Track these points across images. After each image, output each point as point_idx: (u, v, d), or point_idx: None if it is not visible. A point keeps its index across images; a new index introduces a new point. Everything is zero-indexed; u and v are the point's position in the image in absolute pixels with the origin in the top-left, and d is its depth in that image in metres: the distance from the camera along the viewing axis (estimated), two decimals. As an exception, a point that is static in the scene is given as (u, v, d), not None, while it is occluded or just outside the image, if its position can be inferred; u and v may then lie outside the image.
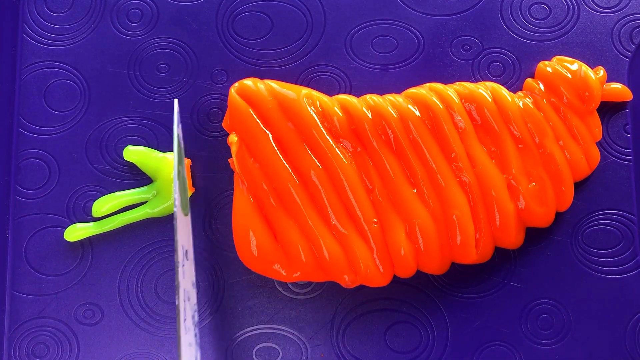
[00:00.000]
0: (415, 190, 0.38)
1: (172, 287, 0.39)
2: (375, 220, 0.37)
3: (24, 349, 0.39)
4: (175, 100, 0.39)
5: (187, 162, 0.39)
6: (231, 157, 0.39)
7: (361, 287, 0.39)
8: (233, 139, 0.38)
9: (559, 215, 0.39)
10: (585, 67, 0.39)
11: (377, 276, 0.37)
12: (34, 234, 0.40)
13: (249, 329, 0.39)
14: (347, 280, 0.37)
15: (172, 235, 0.39)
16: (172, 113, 0.40)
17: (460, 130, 0.38)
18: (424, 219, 0.37)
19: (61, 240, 0.39)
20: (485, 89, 0.38)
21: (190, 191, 0.39)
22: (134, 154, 0.39)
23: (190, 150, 0.40)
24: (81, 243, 0.39)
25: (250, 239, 0.37)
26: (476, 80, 0.40)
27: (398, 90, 0.39)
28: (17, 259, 0.39)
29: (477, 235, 0.38)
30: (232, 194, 0.39)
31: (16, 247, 0.39)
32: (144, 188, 0.39)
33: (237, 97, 0.38)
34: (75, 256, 0.39)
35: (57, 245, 0.39)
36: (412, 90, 0.39)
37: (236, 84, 0.38)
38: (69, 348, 0.39)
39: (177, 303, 0.35)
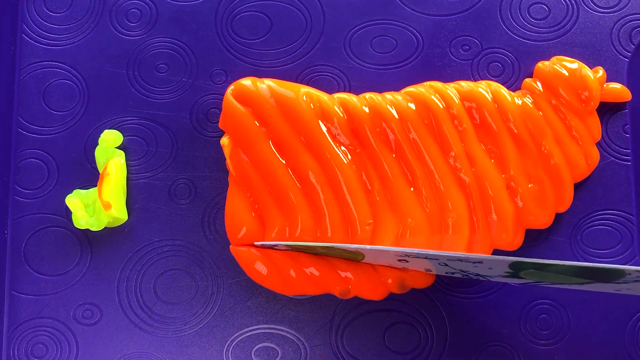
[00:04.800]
0: (412, 189, 0.38)
1: (171, 287, 0.39)
2: (370, 221, 0.37)
3: (23, 349, 0.39)
4: None
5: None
6: (230, 157, 0.39)
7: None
8: (225, 141, 0.38)
9: (558, 215, 0.39)
10: (584, 67, 0.39)
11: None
12: (32, 234, 0.40)
13: (247, 329, 0.39)
14: (339, 292, 0.37)
15: (170, 235, 0.39)
16: (172, 113, 0.40)
17: (459, 130, 0.38)
18: (419, 221, 0.37)
19: (60, 240, 0.39)
20: (485, 88, 0.38)
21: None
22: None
23: (189, 150, 0.40)
24: (80, 243, 0.39)
25: (245, 238, 0.37)
26: (475, 81, 0.40)
27: (397, 90, 0.39)
28: (16, 259, 0.39)
29: (476, 237, 0.37)
30: (231, 194, 0.39)
31: (15, 247, 0.39)
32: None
33: (231, 98, 0.38)
34: (74, 256, 0.39)
35: (56, 246, 0.39)
36: (412, 88, 0.39)
37: (232, 85, 0.38)
38: (67, 348, 0.39)
39: None
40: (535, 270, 0.33)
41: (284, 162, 0.37)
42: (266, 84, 0.38)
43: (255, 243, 0.37)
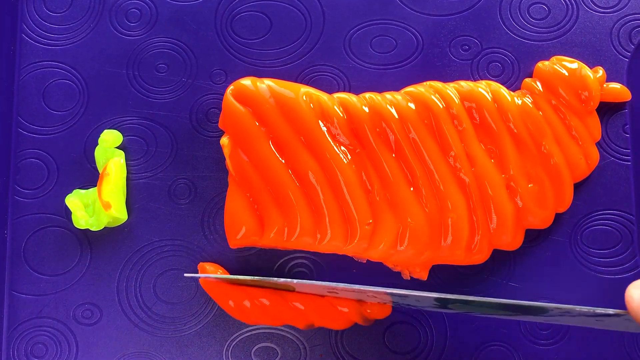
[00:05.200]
0: (412, 189, 0.38)
1: (170, 287, 0.39)
2: (369, 221, 0.37)
3: (23, 349, 0.39)
4: None
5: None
6: (230, 157, 0.39)
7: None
8: (224, 141, 0.38)
9: (557, 215, 0.39)
10: (584, 67, 0.39)
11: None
12: (32, 234, 0.40)
13: (247, 328, 0.39)
14: (303, 326, 0.38)
15: (170, 235, 0.39)
16: (172, 113, 0.40)
17: (459, 130, 0.38)
18: (418, 221, 0.37)
19: (60, 240, 0.39)
20: (485, 88, 0.38)
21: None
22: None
23: (189, 150, 0.40)
24: (80, 243, 0.39)
25: (244, 240, 0.38)
26: (475, 80, 0.40)
27: (397, 90, 0.39)
28: (15, 259, 0.39)
29: (475, 237, 0.37)
30: (231, 194, 0.39)
31: (15, 247, 0.39)
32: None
33: (231, 98, 0.38)
34: (74, 256, 0.39)
35: (56, 246, 0.39)
36: (411, 88, 0.39)
37: (232, 85, 0.38)
38: (67, 348, 0.39)
39: None
40: (462, 304, 0.34)
41: (283, 161, 0.37)
42: (266, 84, 0.38)
43: (185, 275, 0.38)
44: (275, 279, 0.36)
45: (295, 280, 0.36)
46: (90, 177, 0.40)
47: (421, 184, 0.37)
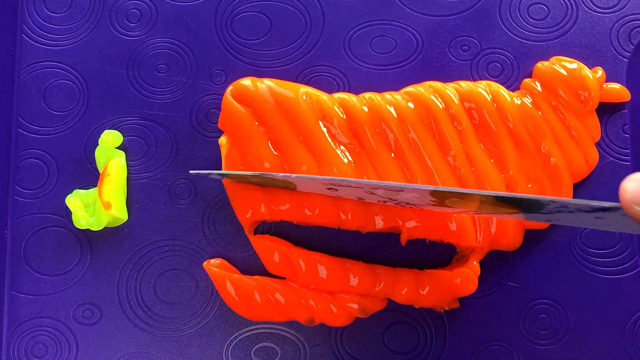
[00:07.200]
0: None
1: (170, 287, 0.39)
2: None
3: (23, 349, 0.39)
4: None
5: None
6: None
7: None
8: (222, 141, 0.38)
9: (557, 215, 0.39)
10: (583, 68, 0.39)
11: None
12: (32, 234, 0.40)
13: (247, 328, 0.39)
14: (304, 320, 0.38)
15: (170, 235, 0.39)
16: (172, 113, 0.40)
17: (459, 130, 0.38)
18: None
19: (60, 240, 0.39)
20: (484, 88, 0.39)
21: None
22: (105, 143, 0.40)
23: (189, 150, 0.40)
24: (80, 243, 0.39)
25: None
26: (475, 81, 0.40)
27: (397, 90, 0.39)
28: (15, 259, 0.39)
29: (477, 237, 0.37)
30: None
31: (15, 247, 0.40)
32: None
33: (230, 98, 0.38)
34: (74, 256, 0.39)
35: (56, 246, 0.39)
36: (411, 88, 0.39)
37: (231, 85, 0.38)
38: (67, 348, 0.39)
39: None
40: (457, 200, 0.33)
41: (283, 163, 0.37)
42: (266, 84, 0.38)
43: (191, 172, 0.37)
44: (274, 173, 0.35)
45: (294, 175, 0.35)
46: (90, 177, 0.40)
47: (420, 183, 0.37)
